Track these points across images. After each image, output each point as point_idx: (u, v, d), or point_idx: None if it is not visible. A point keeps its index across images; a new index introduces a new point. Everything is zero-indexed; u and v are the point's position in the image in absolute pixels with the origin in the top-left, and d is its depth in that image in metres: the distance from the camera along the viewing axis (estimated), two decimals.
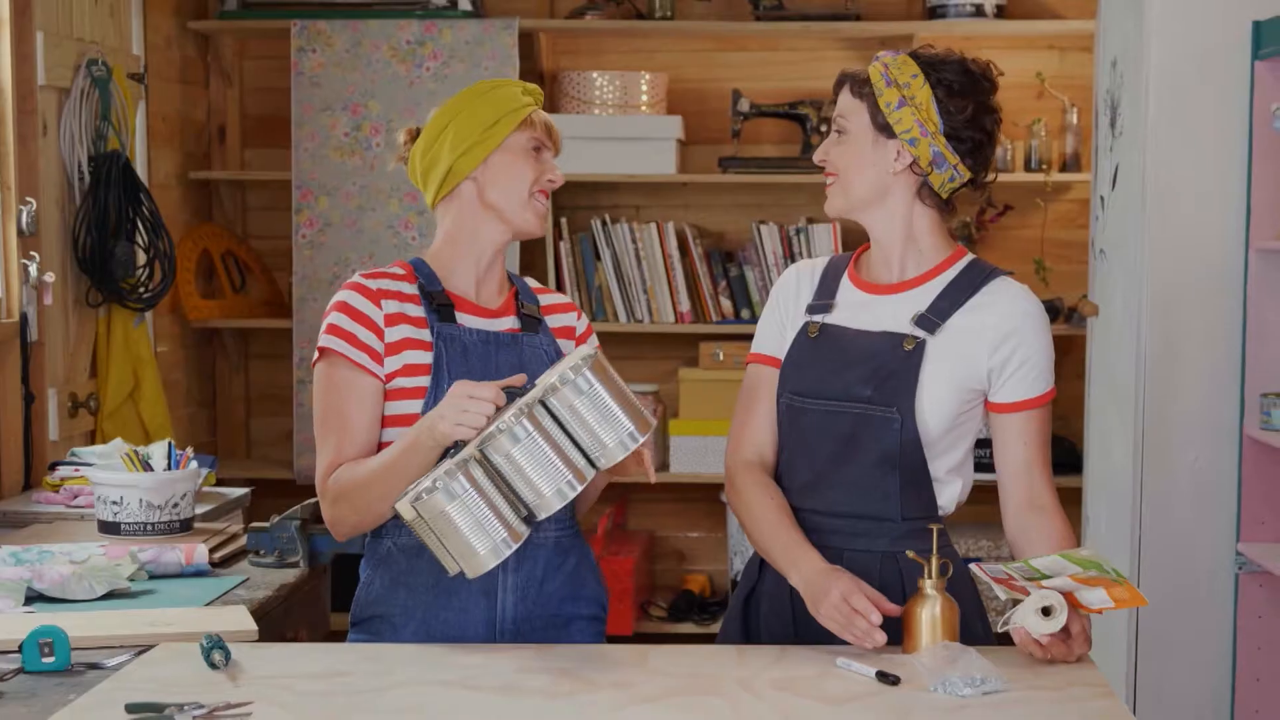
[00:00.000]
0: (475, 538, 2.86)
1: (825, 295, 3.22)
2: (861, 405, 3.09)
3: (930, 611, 2.89)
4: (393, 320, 3.23)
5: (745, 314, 6.49)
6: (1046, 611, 2.82)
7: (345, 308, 3.23)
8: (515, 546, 2.89)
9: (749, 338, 6.26)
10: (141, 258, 5.40)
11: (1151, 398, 5.01)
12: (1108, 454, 5.32)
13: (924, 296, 3.15)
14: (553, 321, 3.38)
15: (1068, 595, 2.84)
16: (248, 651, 2.94)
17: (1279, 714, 4.95)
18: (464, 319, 3.28)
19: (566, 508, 3.12)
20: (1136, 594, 2.82)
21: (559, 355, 3.31)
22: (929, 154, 3.10)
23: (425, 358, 3.22)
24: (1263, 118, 4.84)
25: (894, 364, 3.09)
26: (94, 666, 2.92)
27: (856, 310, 3.18)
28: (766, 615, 3.20)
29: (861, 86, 3.13)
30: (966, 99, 3.11)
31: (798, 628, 3.13)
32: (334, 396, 3.22)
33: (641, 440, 2.89)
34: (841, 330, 3.16)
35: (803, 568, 3.03)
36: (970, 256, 3.20)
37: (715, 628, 6.36)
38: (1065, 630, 2.85)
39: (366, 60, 6.31)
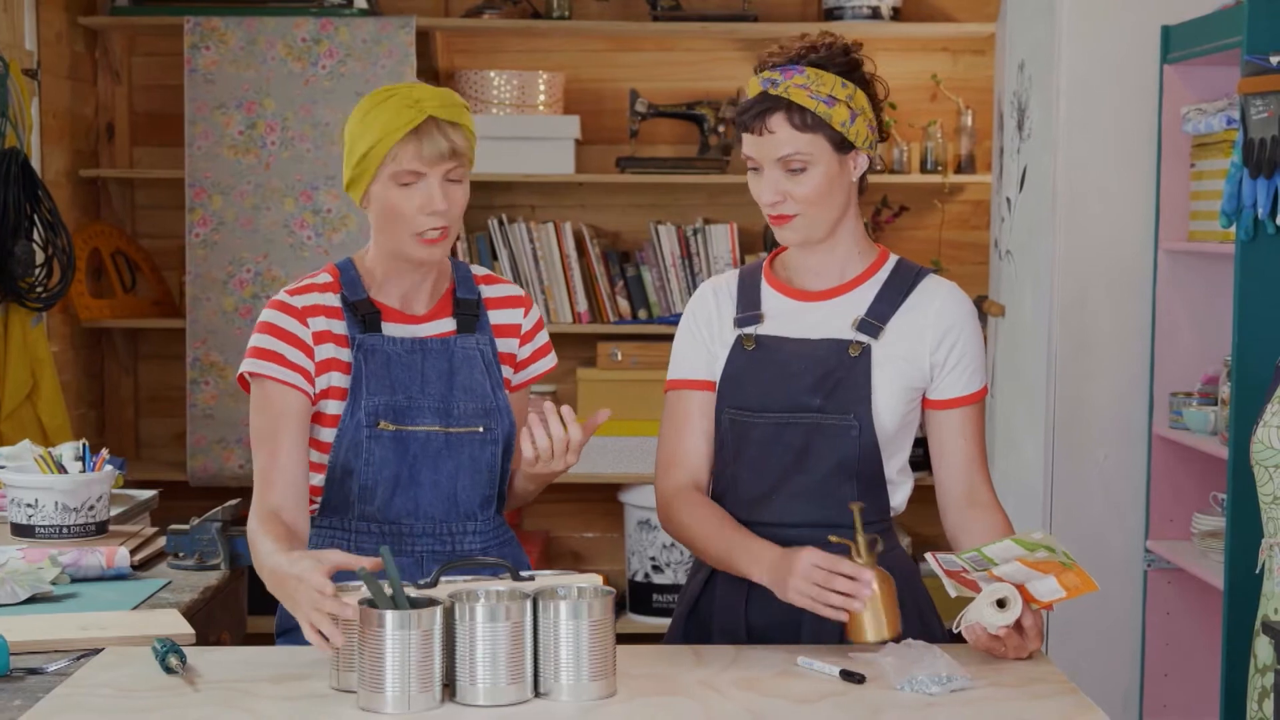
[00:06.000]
0: (394, 676, 2.58)
1: (749, 306, 3.17)
2: (813, 415, 3.07)
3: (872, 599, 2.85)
4: (320, 339, 3.14)
5: (642, 314, 6.49)
6: (1001, 604, 2.81)
7: (271, 328, 3.12)
8: (423, 709, 2.60)
9: (647, 338, 6.41)
10: (40, 256, 5.30)
11: (1062, 397, 5.06)
12: (1017, 453, 5.37)
13: (859, 300, 3.12)
14: (496, 318, 3.25)
15: (1019, 589, 2.84)
16: (196, 655, 2.88)
17: (1187, 709, 5.02)
18: (390, 328, 3.17)
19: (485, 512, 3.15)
20: (1088, 579, 2.81)
21: (495, 358, 3.21)
22: (876, 152, 3.11)
23: (347, 381, 3.14)
24: (1171, 120, 4.91)
25: (842, 371, 3.07)
26: (34, 672, 2.86)
27: (790, 318, 3.14)
28: (718, 634, 3.15)
29: (803, 116, 3.01)
30: (873, 82, 3.10)
31: (752, 641, 3.09)
32: (267, 421, 3.11)
33: (594, 698, 2.67)
34: (779, 340, 3.12)
35: (763, 560, 2.97)
36: (895, 256, 3.19)
37: (616, 628, 6.34)
38: (1019, 625, 2.85)
39: (261, 58, 6.23)
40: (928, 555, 2.94)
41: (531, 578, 2.76)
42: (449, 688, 2.64)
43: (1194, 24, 4.78)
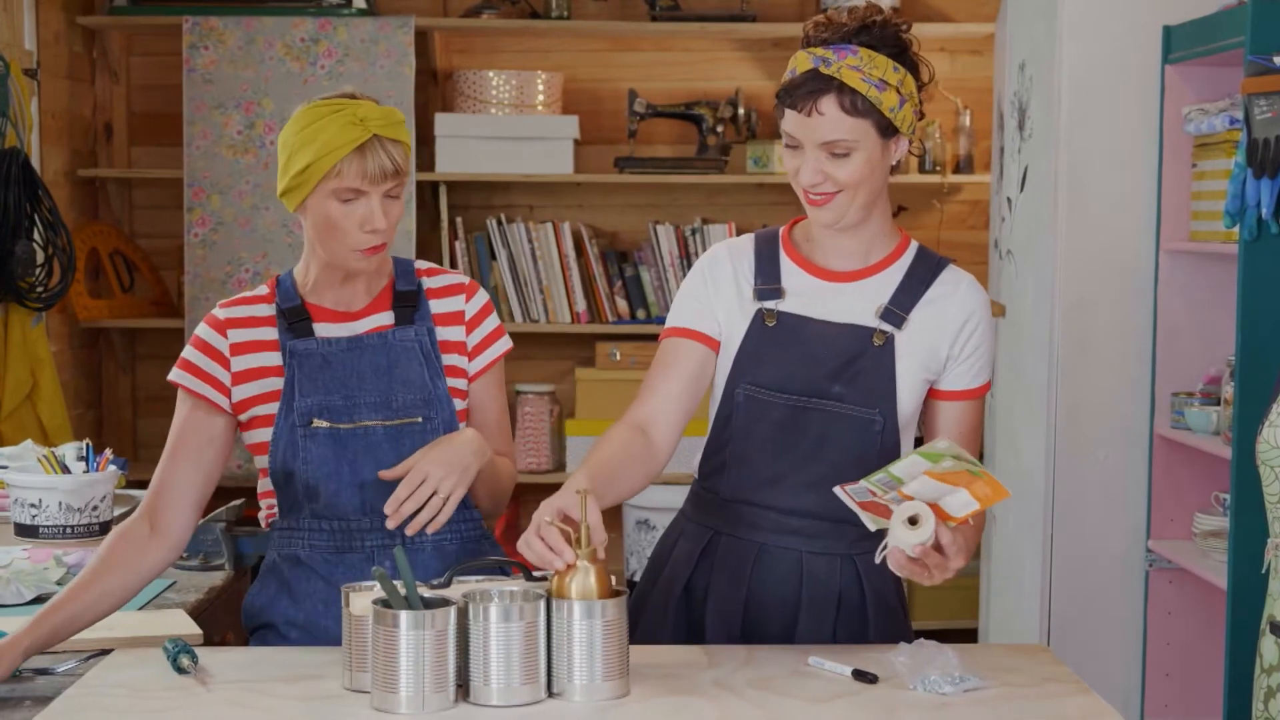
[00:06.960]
0: (408, 676, 2.58)
1: (769, 279, 3.10)
2: (835, 403, 3.03)
3: (583, 582, 2.68)
4: (241, 349, 3.15)
5: (641, 314, 6.50)
6: (913, 521, 2.70)
7: (195, 340, 3.17)
8: (437, 709, 2.59)
9: (645, 337, 6.41)
10: (40, 256, 5.30)
11: (1063, 397, 5.06)
12: (1017, 453, 5.37)
13: (882, 286, 3.08)
14: (437, 307, 3.21)
15: (933, 507, 2.72)
16: (207, 656, 2.87)
17: (1188, 709, 5.02)
18: (324, 329, 3.16)
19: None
20: (999, 487, 2.70)
21: (434, 348, 3.17)
22: (916, 136, 3.09)
23: (279, 384, 3.15)
24: (1173, 121, 4.91)
25: (865, 360, 3.03)
26: (42, 672, 2.86)
27: (811, 298, 3.08)
28: (712, 616, 3.11)
29: (854, 100, 2.93)
30: (921, 66, 3.04)
31: (745, 630, 3.07)
32: (175, 429, 3.16)
33: (608, 698, 2.66)
34: (801, 320, 3.07)
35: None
36: (916, 243, 3.14)
37: None
38: (937, 546, 2.73)
39: (260, 58, 6.24)
40: (835, 490, 2.80)
41: (545, 577, 2.75)
42: (462, 688, 2.63)
43: (1195, 24, 4.78)
